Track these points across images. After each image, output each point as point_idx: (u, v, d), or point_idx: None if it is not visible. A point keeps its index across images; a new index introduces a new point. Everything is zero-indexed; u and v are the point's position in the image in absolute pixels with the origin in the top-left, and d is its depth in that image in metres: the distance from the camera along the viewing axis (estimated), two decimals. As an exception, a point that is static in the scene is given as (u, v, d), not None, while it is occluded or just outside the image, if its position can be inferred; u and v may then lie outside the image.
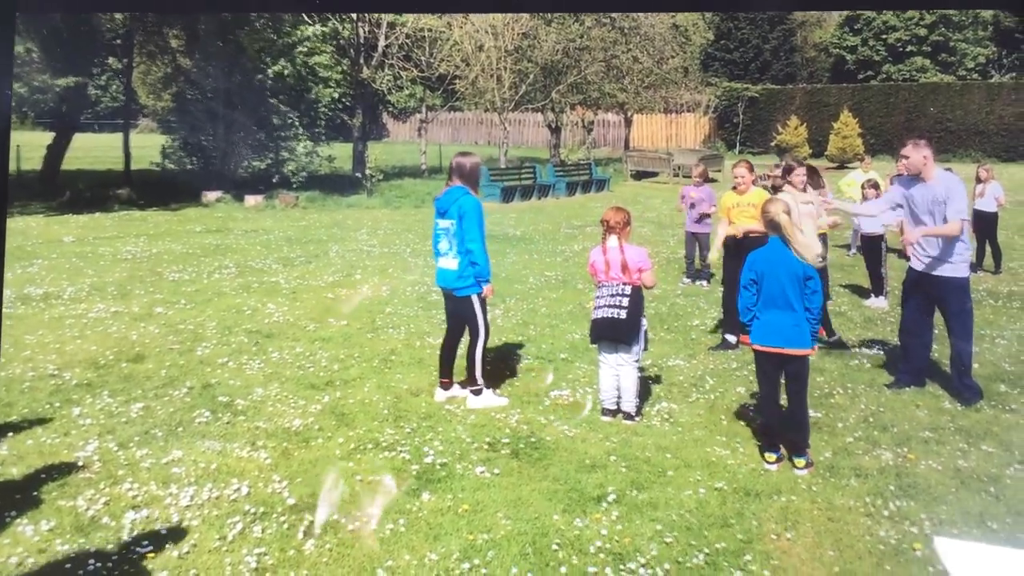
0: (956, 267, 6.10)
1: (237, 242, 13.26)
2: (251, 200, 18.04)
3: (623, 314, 5.60)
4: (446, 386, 6.10)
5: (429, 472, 4.83)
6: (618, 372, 5.72)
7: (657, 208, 19.48)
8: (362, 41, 23.04)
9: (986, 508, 4.46)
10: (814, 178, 8.35)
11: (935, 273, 6.11)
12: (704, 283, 10.47)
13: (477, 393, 5.93)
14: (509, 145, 28.17)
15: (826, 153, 29.20)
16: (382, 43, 23.30)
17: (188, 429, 5.38)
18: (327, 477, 4.65)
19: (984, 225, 11.40)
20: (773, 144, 30.58)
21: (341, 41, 22.34)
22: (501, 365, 6.91)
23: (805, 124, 30.60)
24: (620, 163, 29.22)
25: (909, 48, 36.65)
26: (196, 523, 4.12)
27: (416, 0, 5.97)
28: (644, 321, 5.78)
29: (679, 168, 25.82)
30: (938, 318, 6.38)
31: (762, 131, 33.55)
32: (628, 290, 5.64)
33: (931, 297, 6.23)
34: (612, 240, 5.76)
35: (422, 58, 25.32)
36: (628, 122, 34.28)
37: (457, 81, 27.13)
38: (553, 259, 12.16)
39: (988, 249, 11.42)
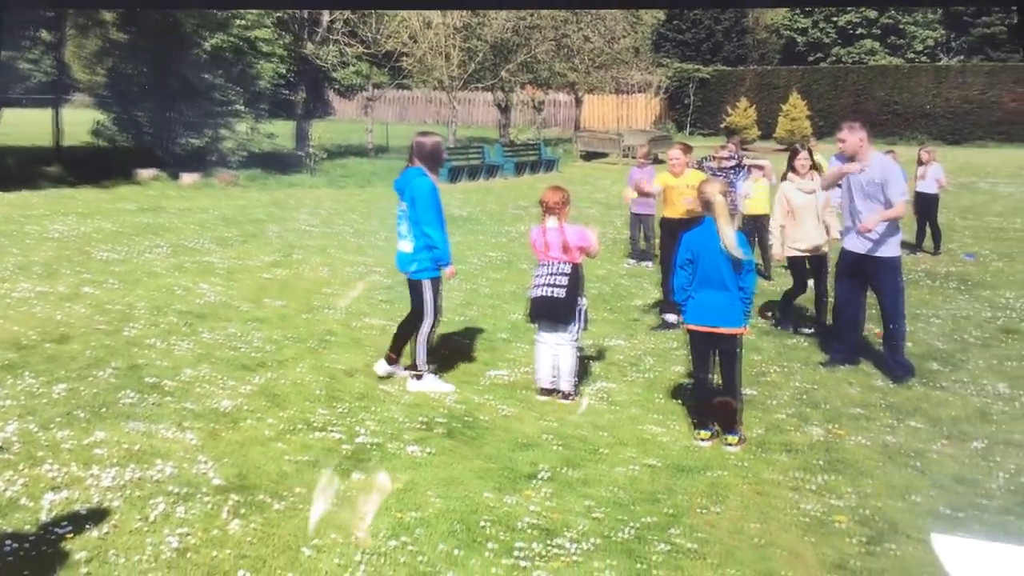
0: (890, 247, 6.30)
1: (171, 221, 13.02)
2: (187, 178, 17.70)
3: (561, 293, 5.67)
4: (391, 361, 6.09)
5: (361, 452, 4.85)
6: (556, 351, 5.79)
7: (606, 189, 19.62)
8: (305, 16, 22.67)
9: (910, 482, 4.64)
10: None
11: (869, 254, 6.28)
12: (648, 264, 10.61)
13: (418, 377, 5.94)
14: (458, 124, 28.06)
15: (774, 135, 29.70)
16: (326, 18, 22.96)
17: (112, 410, 5.30)
18: (322, 475, 4.62)
19: (925, 207, 11.73)
20: (723, 126, 30.97)
21: (284, 15, 21.94)
22: (440, 345, 6.93)
23: (755, 106, 31.05)
24: (570, 144, 29.33)
25: (859, 31, 37.34)
26: (118, 504, 4.08)
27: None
28: (584, 300, 5.86)
29: (628, 149, 26.02)
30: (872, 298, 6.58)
31: (712, 112, 33.97)
32: (567, 268, 5.71)
33: (865, 277, 6.42)
34: (551, 220, 5.82)
35: (368, 34, 25.02)
36: (579, 102, 34.37)
37: (404, 58, 26.87)
38: (498, 239, 12.20)
39: (928, 230, 11.76)
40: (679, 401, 5.79)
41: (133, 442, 4.80)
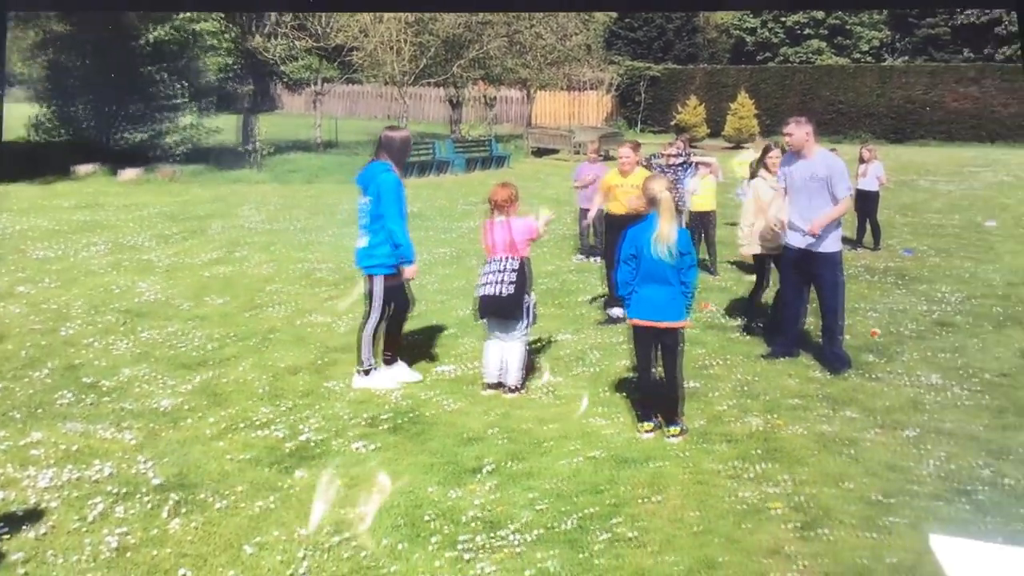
0: (831, 243, 6.50)
1: (109, 218, 12.80)
2: (126, 174, 17.37)
3: (508, 290, 5.73)
4: (388, 360, 6.07)
5: (304, 449, 4.88)
6: (504, 347, 5.87)
7: (557, 185, 19.73)
8: (252, 7, 22.37)
9: (844, 470, 4.82)
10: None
11: (811, 249, 6.48)
12: (597, 259, 10.73)
13: (364, 373, 5.97)
14: (408, 120, 27.95)
15: (723, 133, 30.14)
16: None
17: (49, 411, 5.25)
18: (322, 476, 4.62)
19: (865, 203, 12.05)
20: (673, 123, 31.35)
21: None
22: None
23: (704, 104, 31.47)
24: (521, 140, 29.42)
25: (807, 31, 38.06)
26: (55, 504, 4.07)
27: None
28: (532, 297, 5.94)
29: (579, 146, 26.21)
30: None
31: (663, 110, 34.31)
32: (514, 265, 5.79)
33: (807, 271, 6.62)
34: (499, 217, 5.90)
35: (317, 28, 24.78)
36: (530, 99, 34.49)
37: (354, 52, 26.68)
38: (447, 235, 12.24)
39: (868, 227, 12.10)
40: (623, 394, 5.91)
41: (70, 442, 4.77)
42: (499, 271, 5.80)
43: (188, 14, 18.94)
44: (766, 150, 7.90)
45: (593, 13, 35.87)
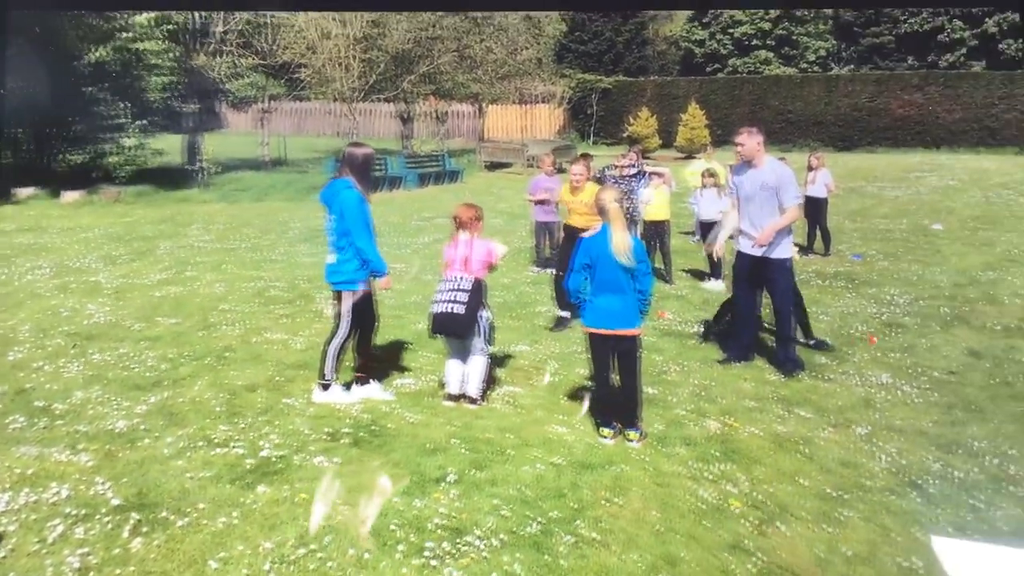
0: (783, 249, 6.75)
1: (54, 241, 12.62)
2: (69, 196, 17.13)
3: (461, 309, 5.82)
4: (362, 380, 6.12)
5: (265, 465, 4.91)
6: (465, 360, 5.98)
7: (510, 199, 19.93)
8: (197, 26, 22.28)
9: (799, 467, 5.01)
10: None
11: (764, 256, 6.71)
12: (552, 271, 10.90)
13: (325, 388, 6.01)
14: (358, 136, 27.95)
15: (675, 144, 30.71)
16: (219, 29, 22.61)
17: (1, 436, 5.20)
18: (321, 481, 4.66)
19: (815, 210, 12.42)
20: (625, 135, 31.83)
21: (173, 26, 21.50)
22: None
23: (655, 115, 32.05)
24: (474, 154, 29.62)
25: (754, 42, 38.99)
26: (13, 528, 4.05)
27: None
28: (487, 314, 6.04)
29: (532, 159, 26.46)
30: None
31: (615, 122, 34.84)
32: (468, 284, 5.89)
33: (760, 278, 6.85)
34: (463, 235, 6.01)
35: (263, 45, 24.73)
36: (482, 113, 34.75)
37: (302, 69, 26.66)
38: (401, 251, 12.31)
39: (818, 233, 12.47)
40: (581, 402, 6.04)
41: (25, 466, 4.74)
42: (453, 289, 5.90)
43: (129, 33, 18.80)
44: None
45: (542, 27, 36.35)
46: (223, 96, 30.17)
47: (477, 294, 5.89)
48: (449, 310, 5.83)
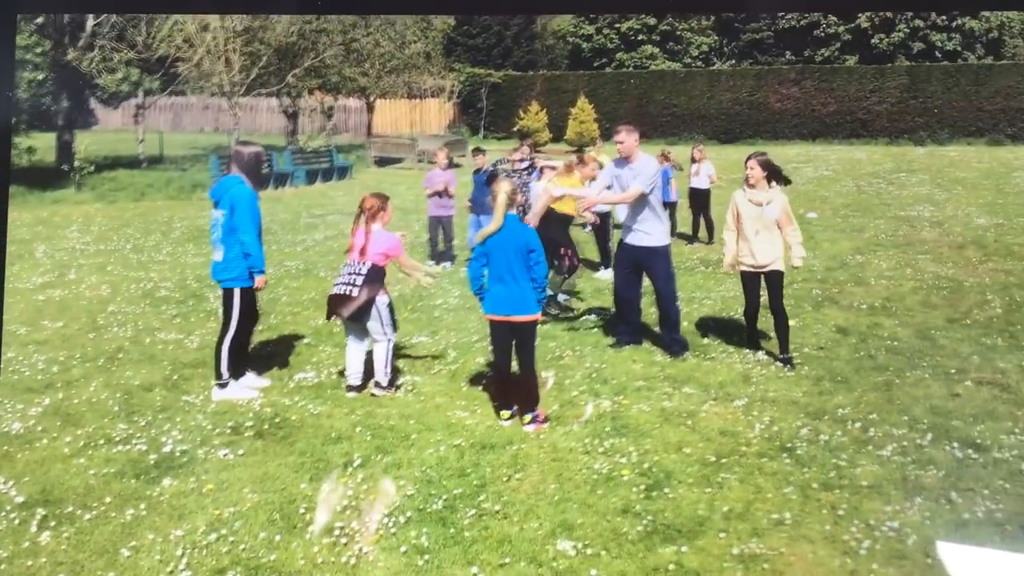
0: (659, 237, 7.27)
1: (-83, 245, 12.09)
2: (-71, 198, 16.33)
3: (354, 291, 6.08)
4: (236, 374, 6.26)
5: (169, 460, 5.05)
6: (367, 349, 6.22)
7: (402, 194, 20.07)
8: (67, 20, 21.48)
9: (683, 438, 5.48)
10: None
11: (642, 244, 7.21)
12: (448, 264, 11.21)
13: (222, 386, 6.15)
14: (240, 132, 27.49)
15: (565, 137, 31.48)
16: (90, 22, 21.87)
17: None
18: (325, 481, 4.74)
19: (699, 201, 13.15)
20: (516, 129, 32.40)
21: (41, 19, 20.68)
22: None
23: (545, 109, 32.74)
24: (363, 149, 29.56)
25: (640, 37, 40.25)
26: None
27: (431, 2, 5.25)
28: (385, 298, 6.27)
29: (423, 154, 26.66)
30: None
31: (506, 116, 35.36)
32: (364, 269, 6.14)
33: (640, 265, 7.35)
34: (368, 224, 6.24)
35: (138, 38, 24.03)
36: (370, 107, 34.67)
37: (179, 63, 26.02)
38: (293, 248, 12.36)
39: (703, 222, 13.20)
40: (481, 387, 6.38)
41: (-85, 471, 4.73)
42: (351, 273, 6.15)
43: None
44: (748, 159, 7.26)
45: (431, 21, 36.52)
46: (95, 92, 29.10)
47: (372, 280, 6.13)
48: (344, 292, 6.08)
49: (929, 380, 6.48)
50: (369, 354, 6.29)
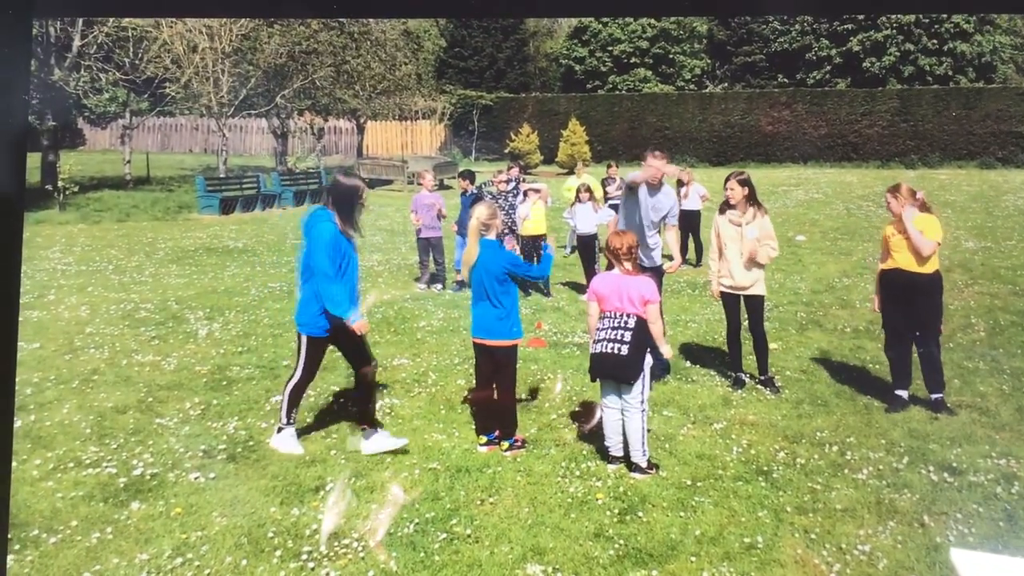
0: (654, 260, 7.33)
1: None
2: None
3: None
4: (368, 432, 5.65)
5: (139, 483, 5.04)
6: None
7: (391, 216, 20.17)
8: (53, 40, 21.61)
9: (660, 461, 5.48)
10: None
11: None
12: (439, 287, 11.23)
13: (279, 431, 5.68)
14: (229, 153, 27.58)
15: (556, 159, 31.67)
16: (77, 42, 22.00)
17: None
18: (332, 492, 4.77)
19: (689, 223, 13.22)
20: (507, 151, 32.58)
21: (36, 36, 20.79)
22: (218, 375, 7.15)
23: (537, 132, 32.95)
24: (353, 171, 29.65)
25: (633, 60, 40.62)
26: None
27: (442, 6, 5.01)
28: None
29: (414, 176, 26.77)
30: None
31: (497, 138, 35.59)
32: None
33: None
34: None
35: (125, 59, 24.16)
36: (361, 129, 34.85)
37: (167, 84, 26.14)
38: (278, 270, 12.38)
39: (692, 244, 13.27)
40: (459, 411, 6.39)
41: None
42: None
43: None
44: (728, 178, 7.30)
45: (421, 42, 36.83)
46: (82, 112, 29.21)
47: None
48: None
49: (909, 403, 6.51)
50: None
